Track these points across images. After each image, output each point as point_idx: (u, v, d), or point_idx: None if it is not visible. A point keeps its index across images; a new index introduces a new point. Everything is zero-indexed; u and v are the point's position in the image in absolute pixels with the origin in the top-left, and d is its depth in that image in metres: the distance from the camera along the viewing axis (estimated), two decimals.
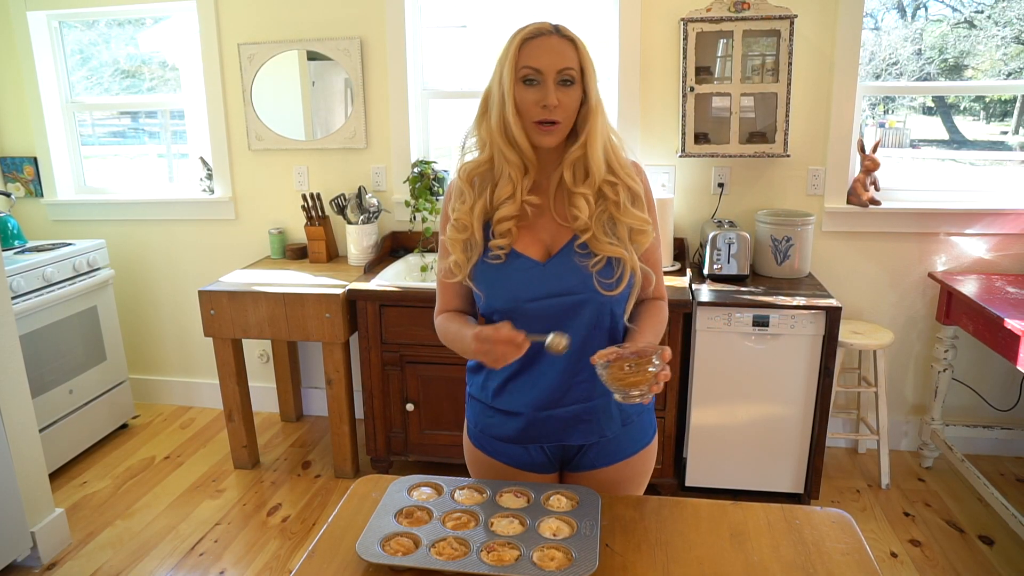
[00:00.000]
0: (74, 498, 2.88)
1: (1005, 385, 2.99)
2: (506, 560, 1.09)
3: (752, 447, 2.66)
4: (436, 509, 1.23)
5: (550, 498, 1.25)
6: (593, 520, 1.18)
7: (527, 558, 1.09)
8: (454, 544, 1.13)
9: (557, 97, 1.22)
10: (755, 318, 2.52)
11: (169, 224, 3.51)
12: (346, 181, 3.28)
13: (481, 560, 1.09)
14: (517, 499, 1.26)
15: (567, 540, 1.13)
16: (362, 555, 1.10)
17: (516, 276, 1.31)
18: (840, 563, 1.10)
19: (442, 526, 1.18)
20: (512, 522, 1.19)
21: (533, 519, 1.19)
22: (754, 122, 2.85)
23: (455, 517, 1.21)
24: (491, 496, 1.27)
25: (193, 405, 3.73)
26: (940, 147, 3.32)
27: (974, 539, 2.53)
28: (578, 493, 1.26)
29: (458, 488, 1.29)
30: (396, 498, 1.26)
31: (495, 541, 1.13)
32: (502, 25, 3.11)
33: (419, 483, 1.31)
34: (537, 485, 1.30)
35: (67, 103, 3.53)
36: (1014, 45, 2.97)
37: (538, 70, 1.22)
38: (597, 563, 1.07)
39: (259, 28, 3.18)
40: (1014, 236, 2.87)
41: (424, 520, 1.20)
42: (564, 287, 1.29)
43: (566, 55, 1.23)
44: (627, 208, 1.29)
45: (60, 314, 3.04)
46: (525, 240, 1.32)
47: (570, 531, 1.16)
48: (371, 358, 2.78)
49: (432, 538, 1.14)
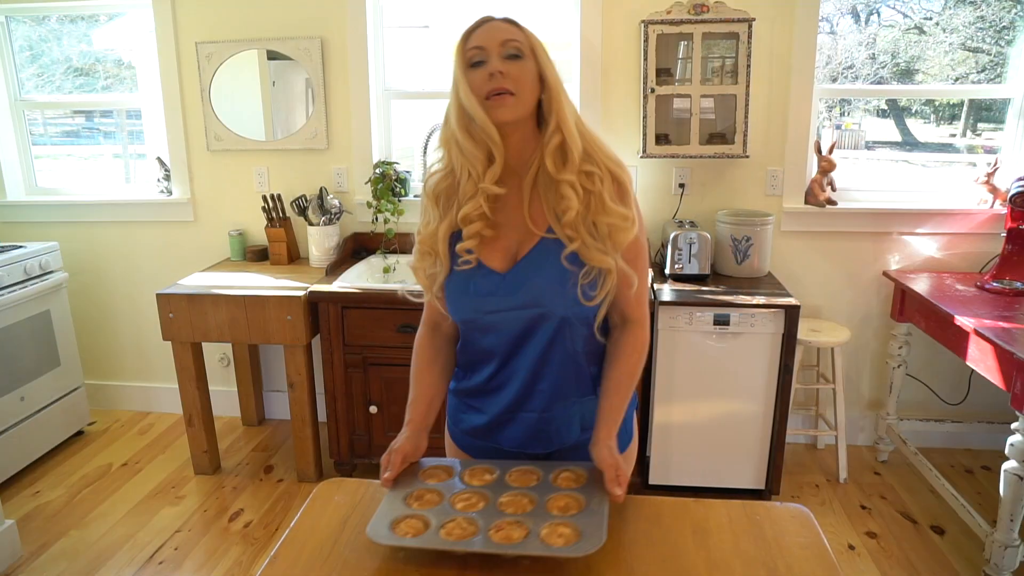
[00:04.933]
0: (26, 508, 2.79)
1: (955, 380, 3.08)
2: (514, 538, 1.08)
3: (714, 444, 2.69)
4: (446, 491, 1.22)
5: (559, 476, 1.25)
6: (602, 495, 1.17)
7: (535, 535, 1.09)
8: (463, 524, 1.12)
9: (504, 67, 1.19)
10: (716, 317, 2.56)
11: (126, 226, 3.43)
12: (307, 182, 3.25)
13: (489, 539, 1.08)
14: (526, 478, 1.25)
15: (575, 516, 1.13)
16: (373, 538, 1.10)
17: (474, 286, 1.28)
18: (800, 557, 1.12)
19: (451, 507, 1.18)
20: (521, 500, 1.18)
21: (542, 496, 1.19)
22: (714, 123, 2.89)
23: (464, 498, 1.20)
24: (500, 476, 1.26)
25: (152, 410, 3.65)
26: (893, 148, 3.41)
27: (927, 529, 2.60)
28: (587, 470, 1.26)
29: (468, 469, 1.29)
30: (407, 483, 1.25)
31: (504, 520, 1.13)
32: (464, 26, 3.10)
33: (431, 466, 1.31)
34: (546, 464, 1.29)
35: (16, 101, 3.43)
36: (960, 51, 3.06)
37: (481, 47, 1.20)
38: (605, 537, 1.07)
39: (217, 26, 3.13)
40: (962, 235, 2.96)
41: (434, 502, 1.19)
42: (523, 300, 1.26)
43: (509, 31, 1.22)
44: (609, 206, 1.23)
45: (11, 318, 2.95)
46: (488, 249, 1.28)
47: (579, 507, 1.15)
48: (333, 360, 2.76)
49: (442, 519, 1.14)
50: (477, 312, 1.29)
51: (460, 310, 1.31)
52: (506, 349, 1.32)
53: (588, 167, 1.23)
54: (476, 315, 1.30)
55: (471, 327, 1.33)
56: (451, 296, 1.31)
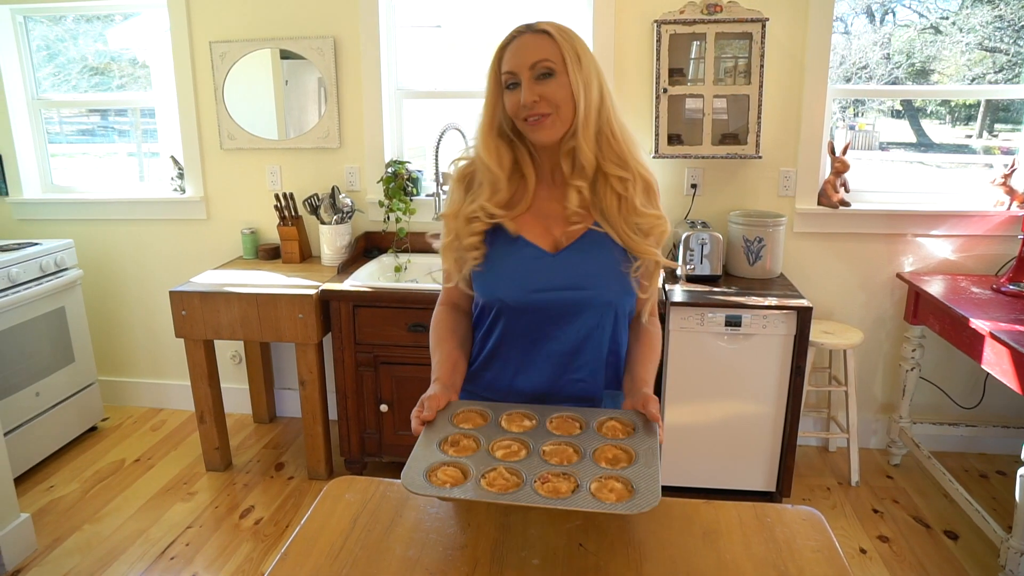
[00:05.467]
0: (40, 503, 2.82)
1: (969, 383, 3.05)
2: (562, 492, 1.02)
3: (724, 446, 2.68)
4: (483, 437, 1.15)
5: (604, 425, 1.19)
6: (651, 447, 1.11)
7: (584, 489, 1.02)
8: (505, 475, 1.05)
9: (537, 91, 1.22)
10: (727, 318, 2.55)
11: (139, 224, 3.46)
12: (319, 181, 3.26)
13: (535, 492, 1.02)
14: (569, 425, 1.20)
15: (626, 470, 1.06)
16: (408, 487, 1.04)
17: (524, 266, 1.30)
18: (811, 560, 1.12)
19: (490, 455, 1.11)
20: (566, 450, 1.12)
21: (587, 447, 1.12)
22: (727, 123, 2.88)
23: (504, 445, 1.13)
24: (541, 423, 1.20)
25: (164, 407, 3.68)
26: (908, 150, 3.38)
27: (940, 534, 2.58)
28: (633, 420, 1.20)
29: (505, 415, 1.22)
30: (440, 427, 1.18)
31: (549, 471, 1.06)
32: (477, 25, 3.11)
33: (463, 409, 1.24)
34: (587, 411, 1.24)
35: (33, 100, 3.46)
36: (977, 51, 3.04)
37: (512, 72, 1.24)
38: (660, 496, 1.00)
39: (231, 26, 3.15)
40: (978, 237, 2.94)
41: (471, 449, 1.13)
42: (572, 281, 1.28)
43: (540, 49, 1.23)
44: (639, 209, 1.28)
45: (26, 315, 2.98)
46: (535, 230, 1.31)
47: (628, 460, 1.09)
48: (344, 359, 2.77)
49: (482, 468, 1.07)
50: (522, 290, 1.29)
51: (501, 287, 1.31)
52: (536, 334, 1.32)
53: (620, 172, 1.27)
54: (520, 293, 1.30)
55: (509, 308, 1.32)
56: (495, 272, 1.32)
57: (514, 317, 1.32)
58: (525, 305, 1.30)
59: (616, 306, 1.31)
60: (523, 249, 1.31)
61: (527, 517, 1.20)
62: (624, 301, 1.32)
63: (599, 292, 1.28)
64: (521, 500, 1.01)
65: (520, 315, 1.31)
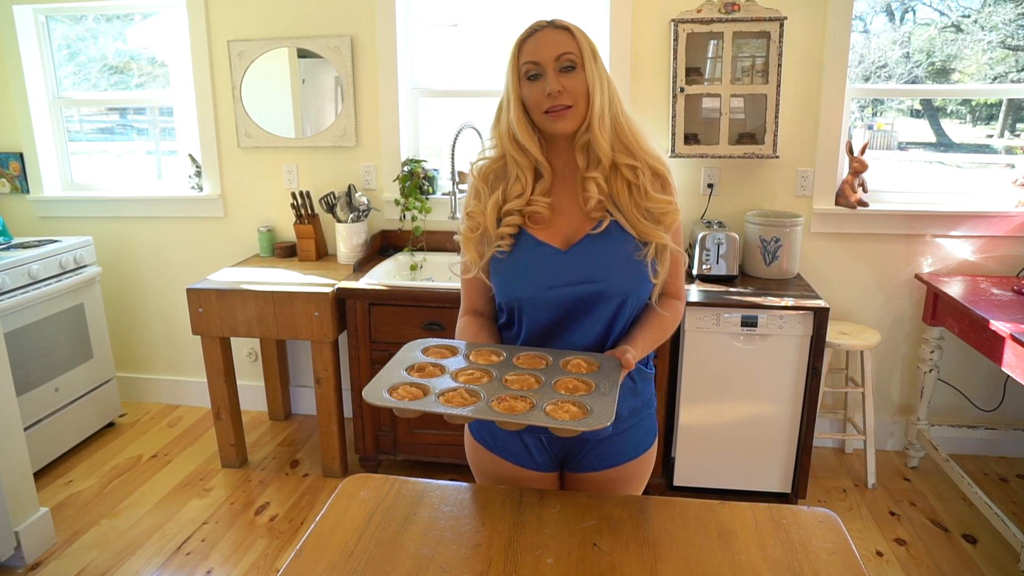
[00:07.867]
0: (59, 497, 2.86)
1: (989, 386, 3.02)
2: (518, 409, 1.04)
3: (740, 447, 2.67)
4: (450, 366, 1.19)
5: (570, 362, 1.22)
6: (613, 381, 1.14)
7: (540, 408, 1.04)
8: (464, 395, 1.08)
9: (561, 83, 1.25)
10: (744, 318, 2.53)
11: (157, 221, 3.49)
12: (336, 179, 3.28)
13: (491, 408, 1.04)
14: (535, 361, 1.23)
15: (583, 396, 1.09)
16: (368, 399, 1.09)
17: (537, 264, 1.32)
18: (827, 562, 1.11)
19: (453, 380, 1.14)
20: (527, 379, 1.15)
21: (549, 378, 1.15)
22: (744, 123, 2.86)
23: (468, 373, 1.17)
24: (508, 358, 1.23)
25: (181, 404, 3.71)
26: (927, 149, 3.34)
27: (958, 538, 2.55)
28: (599, 360, 1.22)
29: (474, 351, 1.26)
30: (409, 355, 1.22)
31: (508, 394, 1.09)
32: (493, 24, 3.11)
33: (435, 345, 1.28)
34: (557, 351, 1.28)
35: (54, 98, 3.50)
36: (999, 49, 3.00)
37: (536, 62, 1.26)
38: (613, 418, 1.04)
39: (249, 25, 3.17)
40: (999, 238, 2.90)
41: (435, 374, 1.16)
42: (585, 275, 1.30)
43: (563, 43, 1.26)
44: (651, 194, 1.30)
45: (46, 311, 3.02)
46: (547, 230, 1.34)
47: (587, 389, 1.12)
48: (360, 357, 2.78)
49: (442, 388, 1.11)
50: (538, 287, 1.31)
51: (518, 286, 1.33)
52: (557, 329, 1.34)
53: (630, 161, 1.31)
54: (536, 290, 1.32)
55: (524, 306, 1.34)
56: (510, 272, 1.34)
57: (534, 314, 1.34)
58: (542, 301, 1.32)
59: (633, 295, 1.32)
60: (536, 248, 1.33)
61: (542, 516, 1.20)
62: (641, 289, 1.33)
63: (613, 283, 1.30)
64: (476, 414, 1.04)
65: (539, 312, 1.33)
